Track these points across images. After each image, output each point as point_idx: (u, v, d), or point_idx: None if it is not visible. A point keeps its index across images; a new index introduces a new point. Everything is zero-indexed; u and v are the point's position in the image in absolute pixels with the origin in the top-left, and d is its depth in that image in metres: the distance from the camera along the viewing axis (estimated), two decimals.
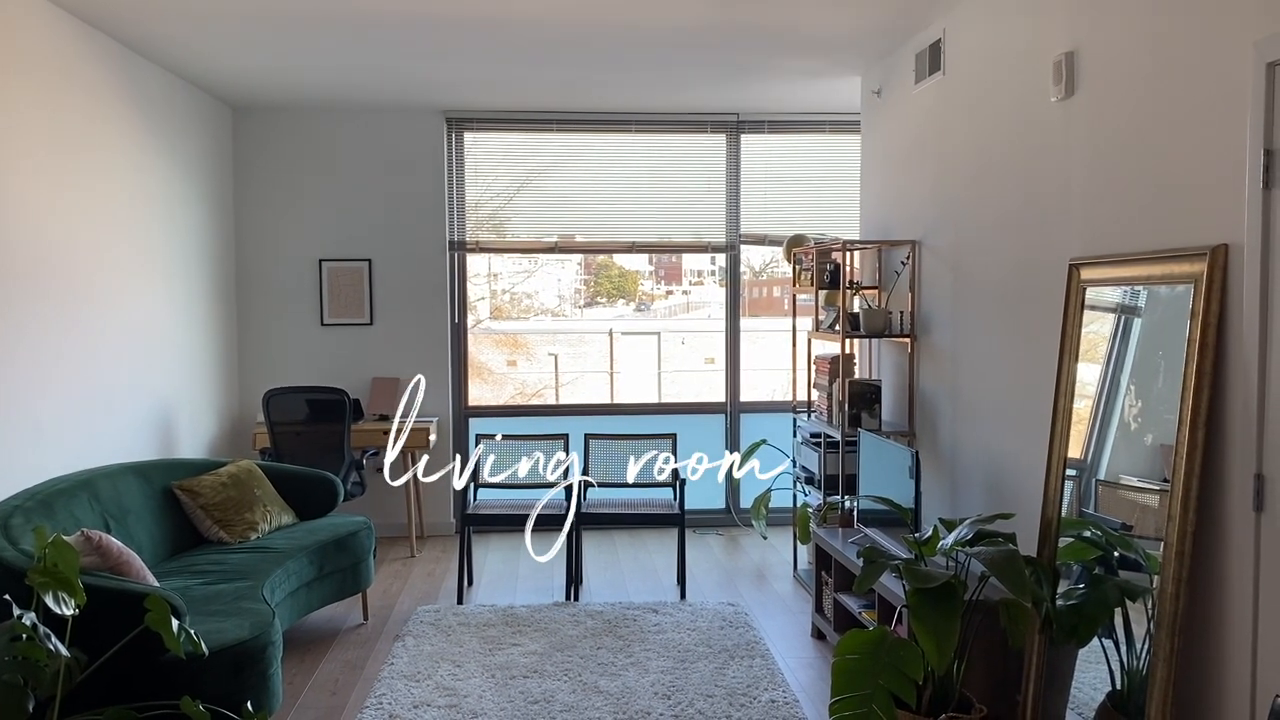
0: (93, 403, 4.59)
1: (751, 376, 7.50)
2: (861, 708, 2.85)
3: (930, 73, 4.62)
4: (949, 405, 4.49)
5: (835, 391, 5.01)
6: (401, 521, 6.66)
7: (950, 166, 4.45)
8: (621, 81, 5.76)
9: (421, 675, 4.15)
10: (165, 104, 5.43)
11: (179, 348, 5.60)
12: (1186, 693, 2.82)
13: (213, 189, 6.15)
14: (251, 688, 3.30)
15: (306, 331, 6.62)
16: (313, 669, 4.30)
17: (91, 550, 3.35)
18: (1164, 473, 2.85)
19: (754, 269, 8.71)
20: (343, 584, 4.63)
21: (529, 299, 10.80)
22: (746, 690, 3.99)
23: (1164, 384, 2.89)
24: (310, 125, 6.55)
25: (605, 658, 4.34)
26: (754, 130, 6.74)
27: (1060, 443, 3.35)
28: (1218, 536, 2.71)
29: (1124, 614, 2.97)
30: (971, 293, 4.25)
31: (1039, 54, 3.66)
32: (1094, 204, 3.31)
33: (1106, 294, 3.23)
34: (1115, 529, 3.08)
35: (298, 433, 5.79)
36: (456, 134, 6.64)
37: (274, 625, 3.48)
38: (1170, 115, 2.90)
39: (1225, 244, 2.67)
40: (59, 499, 3.80)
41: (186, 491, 4.54)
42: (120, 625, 3.10)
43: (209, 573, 4.06)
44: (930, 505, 4.62)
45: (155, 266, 5.29)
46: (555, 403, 10.44)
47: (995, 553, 2.97)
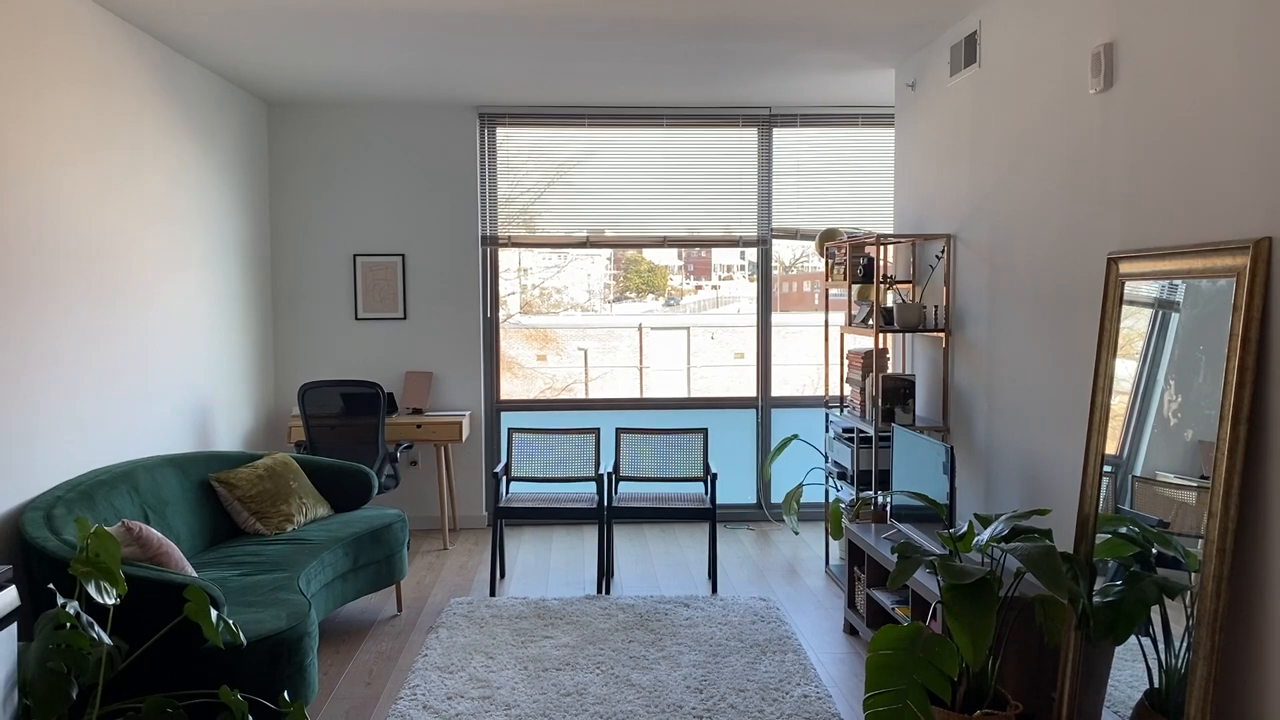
0: (132, 396, 4.66)
1: (782, 371, 7.48)
2: (896, 703, 2.84)
3: (966, 65, 4.58)
4: (984, 401, 4.45)
5: (868, 386, 4.99)
6: (435, 514, 6.70)
7: (986, 160, 4.41)
8: (653, 75, 5.76)
9: (455, 667, 4.18)
10: (202, 100, 5.49)
11: (216, 341, 5.66)
12: (1227, 691, 2.79)
13: (249, 184, 6.22)
14: (288, 678, 3.34)
15: (341, 326, 6.68)
16: (348, 660, 4.34)
17: (132, 541, 3.41)
18: (1203, 469, 2.81)
19: (784, 264, 8.68)
20: (377, 576, 4.67)
21: (559, 294, 10.81)
22: (779, 685, 3.98)
23: (1204, 379, 2.85)
24: (344, 121, 6.59)
25: (637, 651, 4.35)
26: (786, 124, 6.72)
27: (1098, 438, 3.31)
28: (1260, 533, 2.67)
29: (1162, 611, 2.94)
30: (1008, 287, 4.22)
31: (1077, 46, 3.62)
32: (1133, 197, 3.27)
33: (1143, 288, 3.19)
34: (1152, 525, 3.05)
35: (332, 426, 5.84)
36: (489, 129, 6.66)
37: (310, 616, 3.52)
38: (1211, 105, 2.86)
39: (1269, 237, 2.63)
40: (100, 490, 3.87)
41: (223, 484, 4.59)
42: (160, 615, 3.15)
43: (246, 564, 4.11)
44: (965, 501, 4.60)
45: (192, 261, 5.35)
46: (586, 397, 10.47)
47: (1031, 549, 2.95)
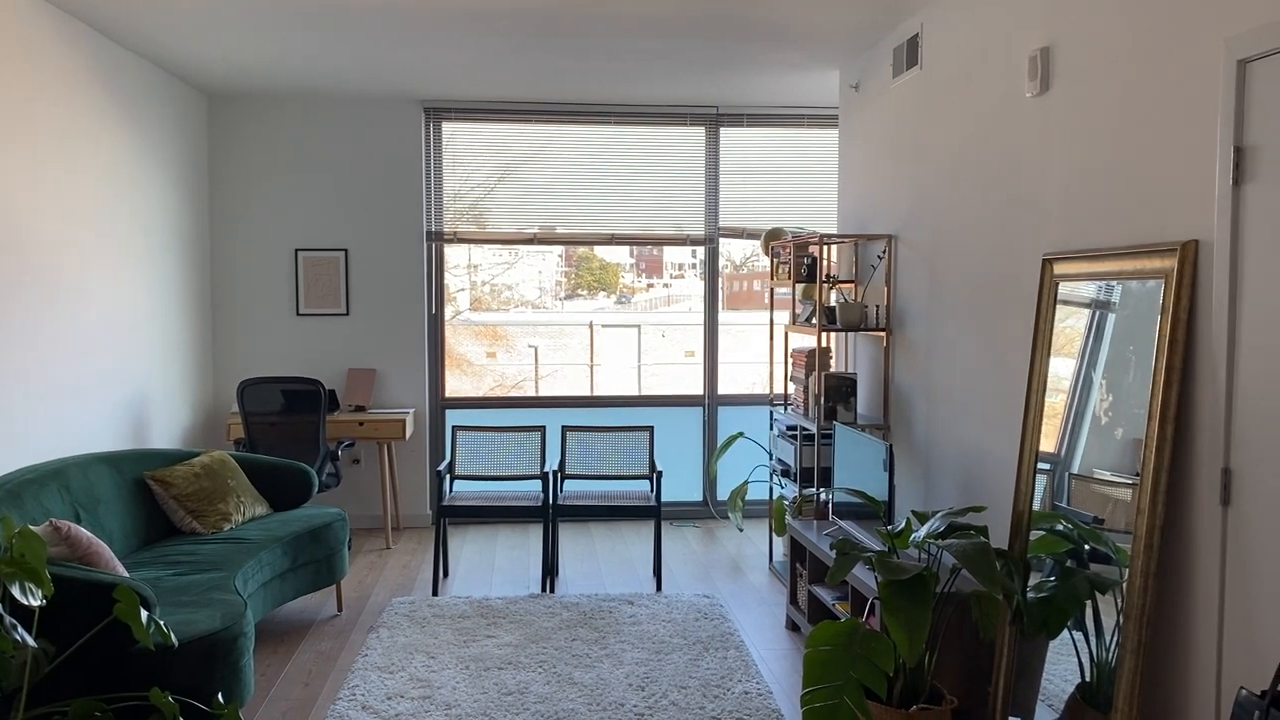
0: (64, 393, 4.54)
1: (732, 370, 7.52)
2: (833, 699, 2.86)
3: (908, 67, 4.63)
4: (923, 399, 4.50)
5: (812, 385, 5.02)
6: (377, 513, 6.63)
7: (927, 161, 4.46)
8: (601, 72, 5.74)
9: (395, 667, 4.14)
10: (139, 91, 5.37)
11: (152, 337, 5.55)
12: (1154, 684, 2.85)
13: (187, 177, 6.10)
14: (222, 679, 3.28)
15: (282, 321, 6.58)
16: (286, 660, 4.28)
17: (59, 540, 3.32)
18: (1136, 467, 2.87)
19: (734, 262, 8.72)
20: (317, 575, 4.61)
21: (509, 291, 10.76)
22: (720, 681, 4.00)
23: (1135, 378, 2.91)
24: (287, 114, 6.49)
25: (580, 649, 4.34)
26: (733, 123, 6.74)
27: (1032, 437, 3.37)
28: (1185, 530, 2.73)
29: (1094, 607, 3.00)
30: (947, 287, 4.27)
31: (1015, 49, 3.67)
32: (1069, 199, 3.32)
33: (1082, 289, 3.25)
34: (1087, 523, 3.10)
35: (272, 423, 5.75)
36: (435, 124, 6.61)
37: (246, 616, 3.46)
38: (1144, 111, 2.92)
39: (1196, 240, 2.69)
40: (28, 489, 3.77)
41: (159, 482, 4.50)
42: (89, 616, 3.08)
43: (181, 563, 4.03)
44: (904, 498, 4.65)
45: (128, 255, 5.23)
46: (535, 394, 10.42)
47: (967, 545, 2.98)
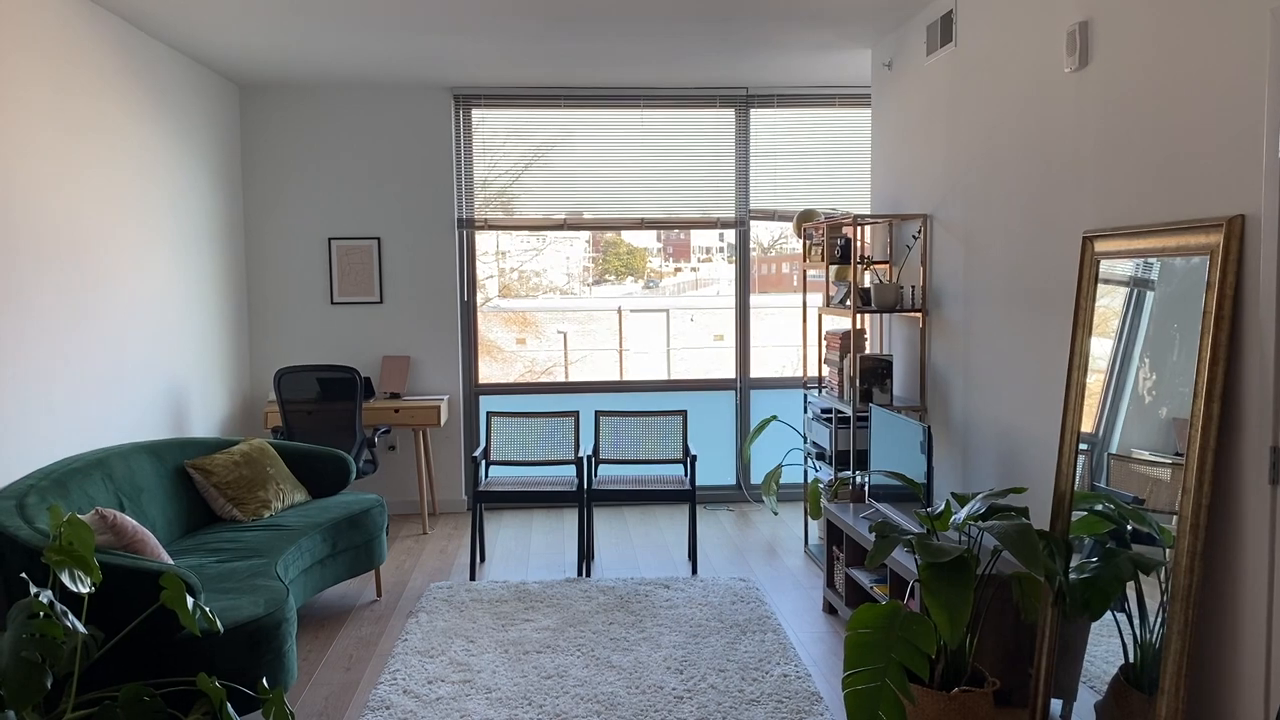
0: (105, 382, 4.60)
1: (761, 353, 7.49)
2: (874, 681, 2.85)
3: (942, 44, 4.58)
4: (961, 380, 4.47)
5: (846, 367, 5.00)
6: (414, 499, 6.68)
7: (962, 139, 4.41)
8: (630, 56, 5.72)
9: (435, 651, 4.18)
10: (172, 82, 5.41)
11: (189, 327, 5.61)
12: (1200, 665, 2.82)
13: (220, 167, 6.14)
14: (267, 664, 3.33)
15: (316, 310, 6.63)
16: (327, 645, 4.33)
17: (106, 529, 3.37)
18: (1177, 446, 2.83)
19: (762, 245, 8.67)
20: (356, 561, 4.65)
21: (537, 277, 10.77)
22: (759, 664, 4.00)
23: (1179, 357, 2.87)
24: (317, 103, 6.52)
25: (617, 633, 4.36)
26: (763, 104, 6.70)
27: (1073, 417, 3.33)
28: (1232, 509, 2.70)
29: (1137, 587, 2.97)
30: (984, 266, 4.23)
31: (1052, 24, 3.62)
32: (1108, 175, 3.28)
33: (1119, 267, 3.21)
34: (1128, 502, 3.07)
35: (309, 411, 5.80)
36: (464, 111, 6.61)
37: (288, 602, 3.50)
38: (1185, 84, 2.87)
39: (1242, 215, 2.64)
40: (73, 478, 3.82)
41: (199, 470, 4.56)
42: (136, 603, 3.13)
43: (223, 550, 4.08)
44: (942, 480, 4.62)
45: (164, 245, 5.29)
46: (566, 380, 10.44)
47: (1008, 526, 2.96)
